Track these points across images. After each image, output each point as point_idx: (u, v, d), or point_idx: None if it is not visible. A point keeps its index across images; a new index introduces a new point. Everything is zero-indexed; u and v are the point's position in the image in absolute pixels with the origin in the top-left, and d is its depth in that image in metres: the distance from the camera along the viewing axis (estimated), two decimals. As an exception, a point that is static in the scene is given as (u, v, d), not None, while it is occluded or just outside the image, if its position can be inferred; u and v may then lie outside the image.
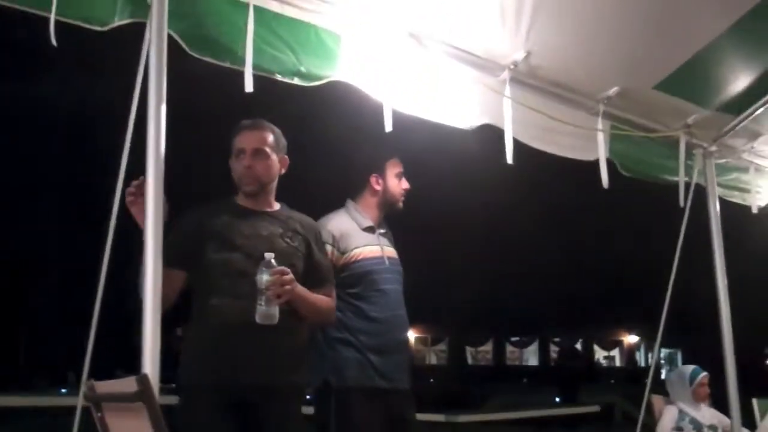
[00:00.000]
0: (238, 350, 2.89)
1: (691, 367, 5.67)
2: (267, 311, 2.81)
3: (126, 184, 2.68)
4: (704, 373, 5.59)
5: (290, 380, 3.02)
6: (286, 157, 3.26)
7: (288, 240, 3.09)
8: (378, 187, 3.88)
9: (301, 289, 2.98)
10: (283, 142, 3.25)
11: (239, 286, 2.87)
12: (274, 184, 3.22)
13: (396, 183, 3.90)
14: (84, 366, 2.71)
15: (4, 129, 13.46)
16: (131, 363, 2.69)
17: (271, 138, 3.16)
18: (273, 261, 2.85)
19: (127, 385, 2.25)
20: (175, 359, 2.96)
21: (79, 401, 2.69)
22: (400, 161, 3.94)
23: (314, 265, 3.17)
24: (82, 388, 2.54)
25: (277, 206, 3.21)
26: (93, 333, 2.72)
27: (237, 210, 3.10)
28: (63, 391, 12.96)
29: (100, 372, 2.69)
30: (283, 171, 3.24)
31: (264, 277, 2.81)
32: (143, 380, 2.14)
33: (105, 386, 2.42)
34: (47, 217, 15.52)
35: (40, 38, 2.51)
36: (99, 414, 2.44)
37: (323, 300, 3.18)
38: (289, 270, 2.87)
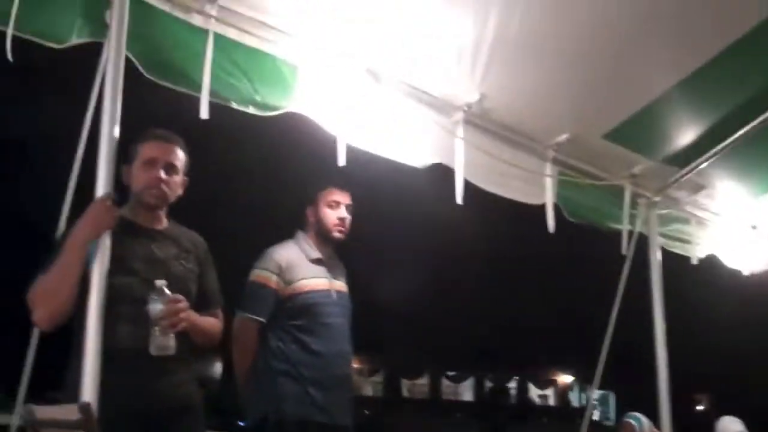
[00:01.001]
0: (143, 378, 2.74)
1: (629, 413, 5.74)
2: (162, 342, 2.67)
3: (74, 205, 2.63)
4: (627, 420, 5.67)
5: (190, 403, 2.90)
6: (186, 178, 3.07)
7: (183, 262, 2.93)
8: (312, 219, 3.83)
9: (195, 316, 2.85)
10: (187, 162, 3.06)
11: (138, 313, 2.70)
12: None
13: (327, 213, 3.80)
14: (20, 389, 2.65)
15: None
16: (53, 381, 2.61)
17: (183, 156, 2.98)
18: (166, 289, 2.70)
19: (68, 412, 2.18)
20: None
21: (14, 422, 2.63)
22: (339, 190, 3.83)
23: (204, 286, 3.03)
24: (19, 411, 2.47)
25: (165, 223, 3.01)
26: (31, 357, 2.66)
27: (130, 228, 2.85)
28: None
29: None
30: (181, 193, 3.02)
31: (158, 307, 2.66)
32: (86, 409, 2.08)
33: (44, 411, 2.35)
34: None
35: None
36: (37, 439, 2.36)
37: (213, 324, 3.04)
38: (183, 298, 2.74)
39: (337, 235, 3.80)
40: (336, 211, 3.79)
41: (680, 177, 4.46)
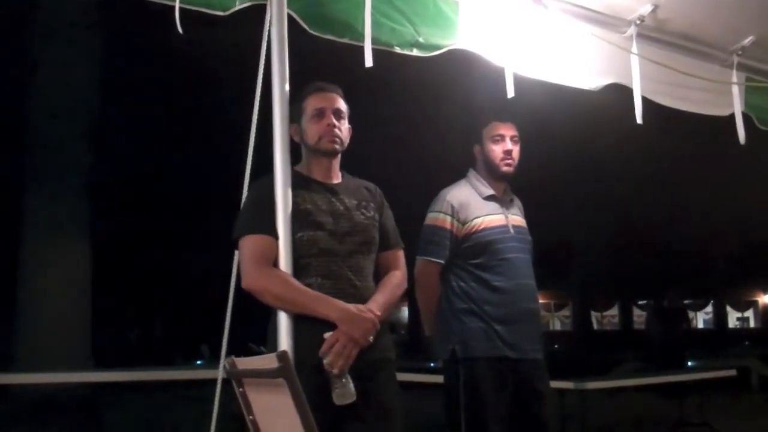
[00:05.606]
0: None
1: None
2: (342, 391, 2.60)
3: (254, 168, 2.72)
4: None
5: (387, 356, 2.93)
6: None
7: (364, 212, 2.97)
8: (480, 156, 3.79)
9: (376, 307, 2.78)
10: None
11: (329, 265, 2.79)
12: None
13: (492, 148, 3.73)
14: (222, 343, 2.81)
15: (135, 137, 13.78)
16: (254, 335, 2.72)
17: (344, 103, 2.98)
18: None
19: (267, 361, 2.30)
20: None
21: (219, 376, 2.79)
22: (501, 123, 3.74)
23: (383, 228, 3.03)
24: (222, 364, 2.62)
25: (340, 176, 3.03)
26: (230, 311, 2.81)
27: (310, 184, 2.91)
28: (198, 363, 13.49)
29: (229, 343, 2.79)
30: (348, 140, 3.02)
31: (324, 361, 2.61)
32: (283, 357, 2.18)
33: (245, 363, 2.49)
34: (181, 200, 15.96)
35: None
36: (241, 389, 2.51)
37: (394, 291, 2.97)
38: (335, 336, 2.67)
39: (505, 169, 3.73)
40: (501, 144, 3.72)
41: None
